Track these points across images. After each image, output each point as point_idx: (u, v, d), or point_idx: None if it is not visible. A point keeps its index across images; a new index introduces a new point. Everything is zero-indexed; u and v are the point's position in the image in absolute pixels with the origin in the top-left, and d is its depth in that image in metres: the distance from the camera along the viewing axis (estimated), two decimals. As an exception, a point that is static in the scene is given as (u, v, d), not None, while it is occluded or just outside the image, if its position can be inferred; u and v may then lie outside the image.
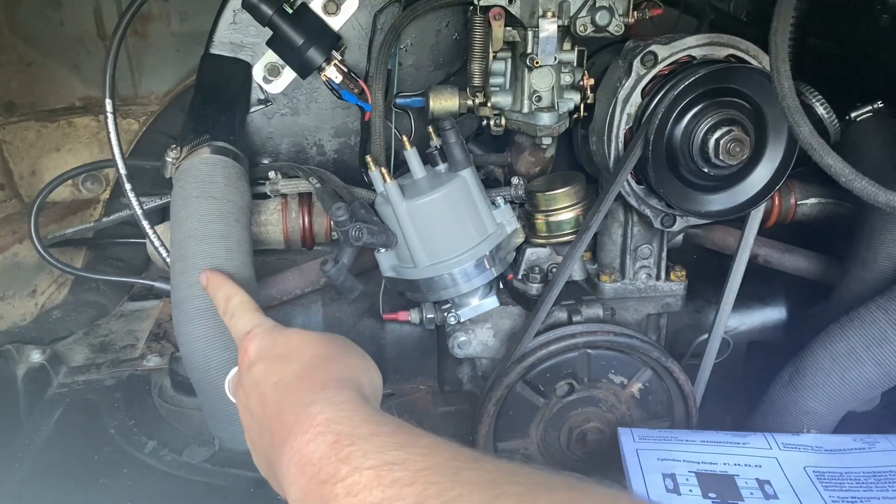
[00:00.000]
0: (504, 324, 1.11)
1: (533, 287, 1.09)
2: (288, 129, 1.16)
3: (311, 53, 1.04)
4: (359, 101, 1.08)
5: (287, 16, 1.03)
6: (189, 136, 1.00)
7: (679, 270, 1.11)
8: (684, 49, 0.96)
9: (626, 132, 0.99)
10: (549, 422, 1.10)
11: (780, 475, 0.92)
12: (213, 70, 1.10)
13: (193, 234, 0.91)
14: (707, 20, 1.19)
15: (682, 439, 0.99)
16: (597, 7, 0.96)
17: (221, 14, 1.09)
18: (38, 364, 1.16)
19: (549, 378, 1.07)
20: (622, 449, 0.97)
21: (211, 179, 0.95)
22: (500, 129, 1.07)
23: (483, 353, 1.13)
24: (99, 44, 1.35)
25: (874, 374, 1.00)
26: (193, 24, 1.35)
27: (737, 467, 0.93)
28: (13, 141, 1.36)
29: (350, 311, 1.27)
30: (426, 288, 1.03)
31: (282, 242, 1.12)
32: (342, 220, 0.95)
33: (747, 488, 0.90)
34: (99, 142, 1.40)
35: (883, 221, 1.09)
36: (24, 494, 0.94)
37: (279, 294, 1.18)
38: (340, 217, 0.95)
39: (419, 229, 1.00)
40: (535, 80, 1.00)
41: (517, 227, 1.09)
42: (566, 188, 1.07)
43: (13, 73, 1.34)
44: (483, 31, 1.02)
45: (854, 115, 1.13)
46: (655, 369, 1.08)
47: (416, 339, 1.28)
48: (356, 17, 1.09)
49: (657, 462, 0.94)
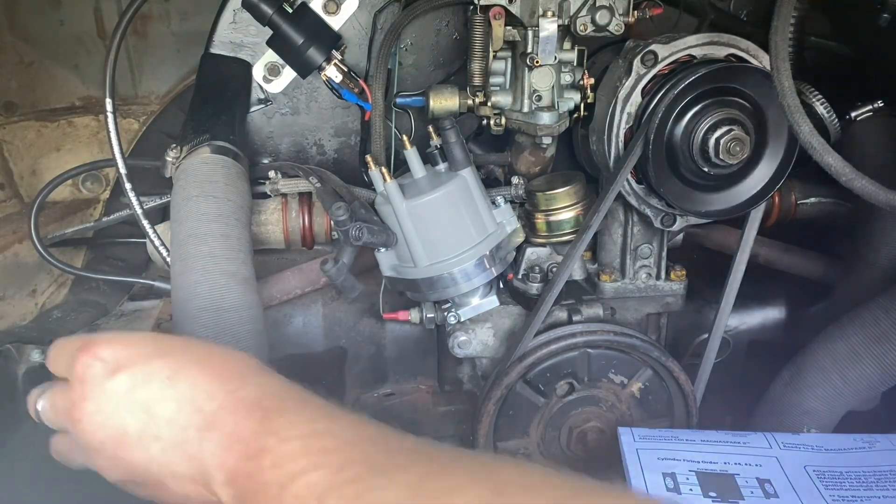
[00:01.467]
0: (504, 323, 1.11)
1: (533, 287, 1.09)
2: (288, 128, 1.16)
3: (311, 53, 1.04)
4: (359, 100, 1.08)
5: (287, 15, 1.02)
6: (189, 136, 1.00)
7: (679, 270, 1.11)
8: (684, 48, 0.96)
9: (626, 132, 0.99)
10: (550, 421, 1.10)
11: (780, 474, 0.92)
12: (213, 70, 1.10)
13: (194, 233, 0.91)
14: (707, 20, 1.18)
15: (682, 439, 0.99)
16: (597, 6, 0.96)
17: (221, 14, 1.09)
18: (38, 364, 1.16)
19: (549, 378, 1.07)
20: (622, 448, 0.97)
21: (211, 179, 0.94)
22: (500, 128, 1.07)
23: (483, 352, 1.13)
24: (99, 43, 1.35)
25: (875, 373, 1.00)
26: (193, 24, 1.35)
27: (737, 466, 0.93)
28: (13, 141, 1.36)
29: (350, 311, 1.27)
30: (426, 287, 1.03)
31: (282, 242, 1.12)
32: (342, 220, 0.95)
33: (748, 487, 0.90)
34: (99, 141, 1.40)
35: (883, 221, 1.09)
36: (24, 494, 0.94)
37: (279, 294, 1.18)
38: (340, 216, 0.95)
39: (419, 229, 1.00)
40: (536, 79, 1.00)
41: (517, 226, 1.09)
42: (566, 188, 1.07)
43: (13, 72, 1.33)
44: (483, 31, 1.02)
45: (854, 115, 1.13)
46: (655, 369, 1.08)
47: (416, 339, 1.28)
48: (356, 16, 1.09)
49: (657, 461, 0.94)
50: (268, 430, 0.50)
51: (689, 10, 1.16)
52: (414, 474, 0.45)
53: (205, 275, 0.89)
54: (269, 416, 0.51)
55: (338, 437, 0.48)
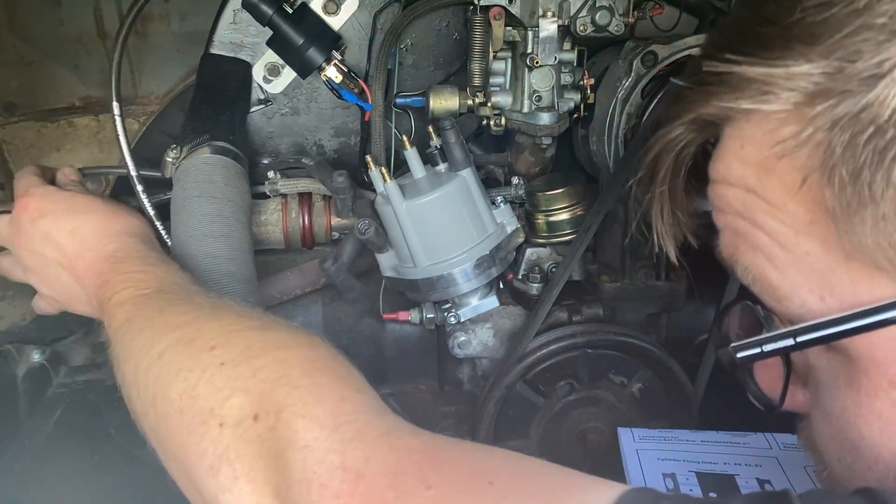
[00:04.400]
0: (504, 324, 1.11)
1: (533, 287, 1.09)
2: (288, 128, 1.16)
3: (311, 53, 1.03)
4: (359, 101, 1.08)
5: (287, 15, 1.02)
6: (189, 136, 1.00)
7: (679, 270, 1.11)
8: (684, 49, 0.96)
9: (626, 132, 0.99)
10: (550, 422, 1.10)
11: (780, 475, 0.92)
12: (213, 70, 1.10)
13: (194, 233, 0.91)
14: (708, 20, 1.18)
15: (682, 439, 0.99)
16: (597, 7, 0.96)
17: (221, 14, 1.09)
18: (38, 364, 1.16)
19: (549, 378, 1.07)
20: (622, 449, 0.98)
21: (211, 179, 0.94)
22: (500, 128, 1.07)
23: (483, 353, 1.13)
24: (99, 44, 1.35)
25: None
26: (193, 24, 1.35)
27: (737, 467, 0.93)
28: (13, 141, 1.36)
29: (350, 311, 1.26)
30: (426, 288, 1.03)
31: (282, 242, 1.12)
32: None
33: (748, 488, 0.90)
34: (99, 142, 1.40)
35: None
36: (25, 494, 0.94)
37: (279, 294, 1.18)
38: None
39: (419, 229, 1.00)
40: (536, 79, 1.00)
41: (517, 226, 1.09)
42: (566, 188, 1.07)
43: (13, 73, 1.33)
44: (483, 31, 1.02)
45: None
46: (655, 369, 1.08)
47: (416, 339, 1.28)
48: (356, 16, 1.09)
49: (657, 462, 0.94)
50: (113, 269, 0.76)
51: (689, 10, 1.16)
52: (187, 298, 0.71)
53: (206, 275, 0.89)
54: (118, 262, 0.77)
55: (150, 274, 0.74)
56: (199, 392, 0.58)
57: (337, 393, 0.55)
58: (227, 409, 0.56)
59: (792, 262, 0.46)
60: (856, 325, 0.44)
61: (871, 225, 0.41)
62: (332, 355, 0.61)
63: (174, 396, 0.59)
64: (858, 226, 0.41)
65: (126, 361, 0.67)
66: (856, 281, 0.44)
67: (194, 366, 0.60)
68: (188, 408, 0.58)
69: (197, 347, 0.62)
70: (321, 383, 0.56)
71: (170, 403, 0.60)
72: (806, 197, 0.44)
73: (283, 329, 0.65)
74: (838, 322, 0.44)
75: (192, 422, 0.57)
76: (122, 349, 0.68)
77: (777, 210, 0.46)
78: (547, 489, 0.47)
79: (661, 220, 0.58)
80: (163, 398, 0.61)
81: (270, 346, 0.61)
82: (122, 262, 0.77)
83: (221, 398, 0.57)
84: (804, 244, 0.45)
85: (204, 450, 0.56)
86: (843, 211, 0.42)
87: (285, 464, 0.51)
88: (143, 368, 0.64)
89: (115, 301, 0.72)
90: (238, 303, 0.72)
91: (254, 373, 0.58)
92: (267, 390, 0.56)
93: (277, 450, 0.52)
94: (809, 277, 0.46)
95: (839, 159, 0.41)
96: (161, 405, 0.61)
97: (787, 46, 0.43)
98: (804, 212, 0.44)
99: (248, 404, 0.56)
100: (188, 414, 0.58)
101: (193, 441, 0.57)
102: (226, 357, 0.60)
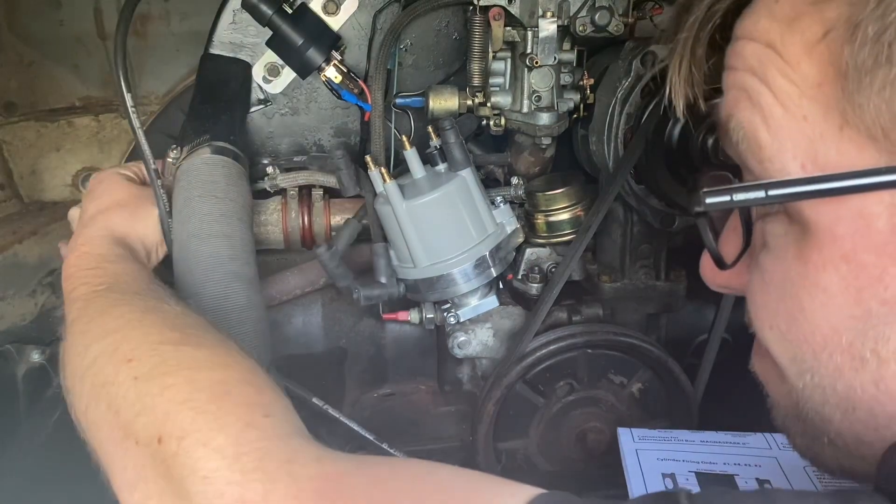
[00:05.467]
0: (504, 324, 1.11)
1: (533, 287, 1.09)
2: (288, 128, 1.16)
3: (310, 53, 1.04)
4: (358, 101, 1.08)
5: (287, 16, 1.02)
6: (189, 136, 1.00)
7: (679, 270, 1.11)
8: (684, 49, 0.96)
9: (626, 132, 0.99)
10: (549, 422, 1.10)
11: (780, 475, 0.92)
12: (213, 70, 1.10)
13: (197, 234, 0.91)
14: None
15: (681, 439, 0.99)
16: (596, 7, 0.96)
17: (221, 14, 1.09)
18: (38, 364, 1.16)
19: (549, 378, 1.07)
20: (622, 449, 0.98)
21: (212, 179, 0.95)
22: (500, 129, 1.07)
23: (483, 353, 1.13)
24: (99, 44, 1.35)
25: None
26: (193, 24, 1.35)
27: (737, 467, 0.93)
28: (13, 141, 1.36)
29: (350, 311, 1.27)
30: (426, 288, 1.03)
31: (282, 242, 1.12)
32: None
33: (747, 488, 0.90)
34: (99, 142, 1.40)
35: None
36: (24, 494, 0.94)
37: (279, 294, 1.18)
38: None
39: (419, 229, 1.00)
40: (535, 80, 1.00)
41: (517, 226, 1.09)
42: (566, 188, 1.07)
43: (13, 73, 1.34)
44: (483, 31, 1.02)
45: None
46: (655, 369, 1.08)
47: (416, 339, 1.28)
48: (356, 17, 1.09)
49: (657, 462, 0.94)
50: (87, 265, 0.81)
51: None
52: (128, 300, 0.73)
53: (208, 275, 0.89)
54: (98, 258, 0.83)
55: (108, 271, 0.79)
56: (118, 406, 0.59)
57: (243, 419, 0.55)
58: (138, 427, 0.57)
59: (786, 125, 0.46)
60: (830, 187, 0.44)
61: (879, 88, 0.41)
62: (243, 378, 0.61)
63: (103, 408, 0.61)
64: (866, 88, 0.42)
65: (65, 366, 0.69)
66: (843, 151, 0.44)
67: (115, 378, 0.61)
68: (113, 421, 0.60)
69: (118, 358, 0.63)
70: (227, 409, 0.56)
71: (99, 414, 0.61)
72: (823, 55, 0.44)
73: (200, 346, 0.65)
74: (815, 181, 0.44)
75: (116, 436, 0.59)
76: (64, 352, 0.70)
77: (790, 68, 0.46)
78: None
79: (678, 73, 0.56)
80: (94, 407, 0.62)
81: (183, 365, 0.61)
82: (84, 257, 0.83)
83: (133, 414, 0.58)
84: (806, 107, 0.45)
85: (125, 465, 0.57)
86: (855, 69, 0.42)
87: (187, 492, 0.51)
88: (78, 376, 0.66)
89: (72, 297, 0.76)
90: (180, 306, 0.74)
91: (161, 391, 0.58)
92: (172, 412, 0.56)
93: (179, 478, 0.52)
94: (798, 143, 0.46)
95: (867, 15, 0.41)
96: (92, 414, 0.63)
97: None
98: (816, 73, 0.45)
99: (153, 425, 0.56)
100: (113, 427, 0.59)
101: (118, 455, 0.58)
102: (139, 371, 0.60)
